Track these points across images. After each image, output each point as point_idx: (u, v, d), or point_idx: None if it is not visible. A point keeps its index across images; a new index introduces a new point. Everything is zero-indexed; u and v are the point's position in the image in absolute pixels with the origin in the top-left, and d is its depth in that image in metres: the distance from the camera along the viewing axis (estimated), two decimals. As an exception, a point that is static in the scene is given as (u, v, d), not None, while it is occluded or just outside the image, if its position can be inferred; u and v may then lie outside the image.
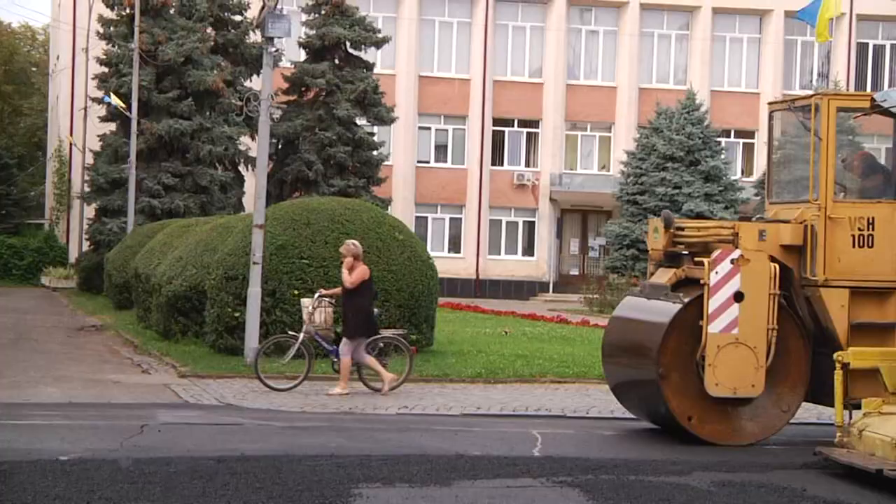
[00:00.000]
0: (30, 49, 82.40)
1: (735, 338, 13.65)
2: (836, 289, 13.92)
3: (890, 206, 14.10)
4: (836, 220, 13.93)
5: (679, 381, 13.80)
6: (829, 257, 13.91)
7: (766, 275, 13.72)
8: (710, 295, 13.63)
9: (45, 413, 15.03)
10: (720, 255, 13.76)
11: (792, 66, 55.90)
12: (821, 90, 14.47)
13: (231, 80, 44.12)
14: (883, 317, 13.99)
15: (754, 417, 13.97)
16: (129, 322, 29.15)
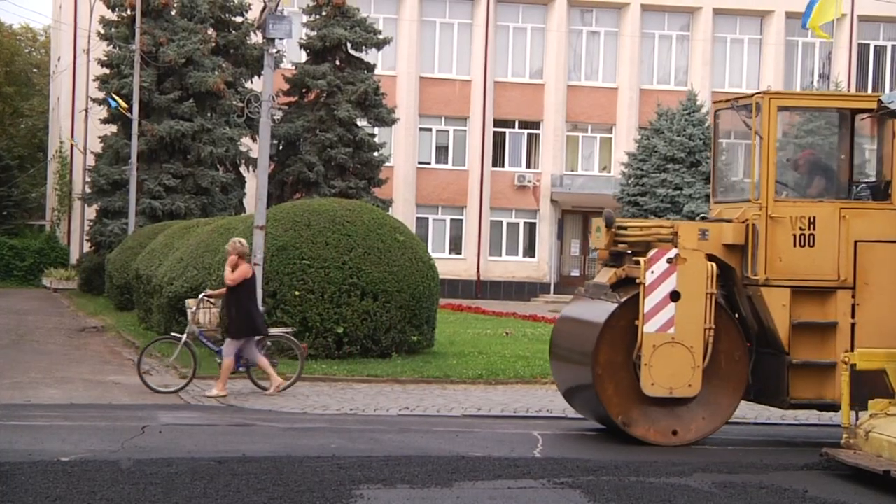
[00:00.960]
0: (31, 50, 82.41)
1: (671, 337, 13.60)
2: (778, 288, 13.87)
3: (832, 206, 14.05)
4: (778, 219, 13.89)
5: (616, 382, 13.75)
6: (771, 257, 13.86)
7: (702, 274, 13.67)
8: (645, 294, 13.59)
9: (46, 414, 15.04)
10: (656, 254, 13.71)
11: (793, 67, 55.91)
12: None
13: (232, 81, 44.12)
14: (824, 316, 13.93)
15: (692, 417, 13.86)
16: (131, 323, 29.15)
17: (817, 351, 13.95)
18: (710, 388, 13.84)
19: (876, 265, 13.90)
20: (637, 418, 13.80)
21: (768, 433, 15.59)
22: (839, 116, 15.43)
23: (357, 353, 21.11)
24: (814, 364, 13.91)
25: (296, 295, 20.73)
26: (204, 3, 44.50)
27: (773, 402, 14.42)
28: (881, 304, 13.88)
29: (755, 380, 14.39)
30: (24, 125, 74.53)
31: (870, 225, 13.97)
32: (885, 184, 14.38)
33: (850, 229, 13.92)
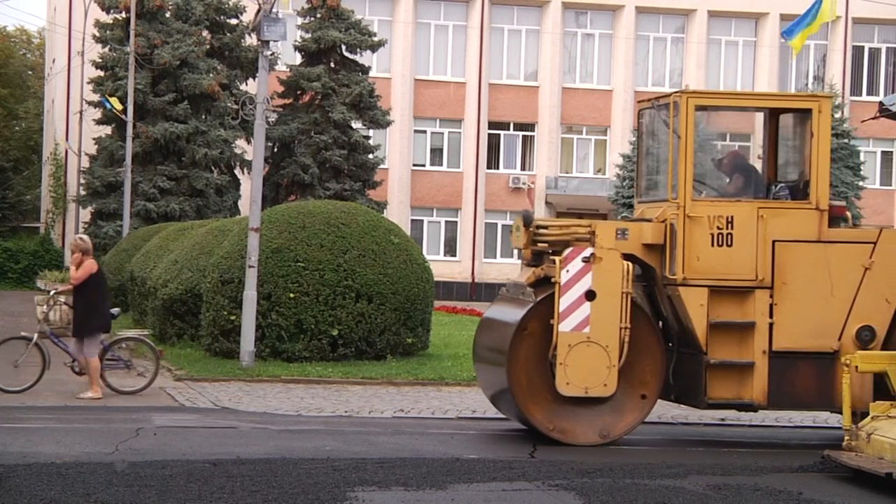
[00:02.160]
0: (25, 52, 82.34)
1: (587, 337, 13.54)
2: (695, 288, 13.81)
3: (749, 206, 14.01)
4: (695, 218, 13.83)
5: (532, 381, 13.70)
6: (688, 256, 13.81)
7: (618, 273, 13.62)
8: (561, 293, 13.54)
9: (40, 416, 15.02)
10: (571, 253, 13.66)
11: (787, 70, 55.94)
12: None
13: (227, 83, 44.14)
14: (743, 316, 13.89)
15: (608, 417, 13.80)
16: (125, 325, 29.08)
17: (735, 351, 13.88)
18: (626, 387, 13.77)
19: (794, 265, 13.88)
20: (552, 418, 13.70)
21: (763, 435, 15.61)
22: (762, 116, 15.42)
23: (352, 356, 21.11)
24: (731, 364, 13.85)
25: (290, 297, 20.73)
26: (198, 6, 44.51)
27: (692, 402, 14.33)
28: (799, 304, 13.86)
29: (676, 380, 14.34)
30: (19, 127, 74.47)
31: (788, 224, 13.94)
32: (804, 183, 14.31)
33: (767, 229, 13.87)
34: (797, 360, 13.90)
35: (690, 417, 16.22)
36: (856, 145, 48.83)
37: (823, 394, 13.94)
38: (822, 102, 14.20)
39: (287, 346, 20.79)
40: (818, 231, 13.99)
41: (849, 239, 14.12)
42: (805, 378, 13.92)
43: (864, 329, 13.91)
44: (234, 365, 20.08)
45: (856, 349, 13.76)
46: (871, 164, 53.69)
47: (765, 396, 13.89)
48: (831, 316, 13.92)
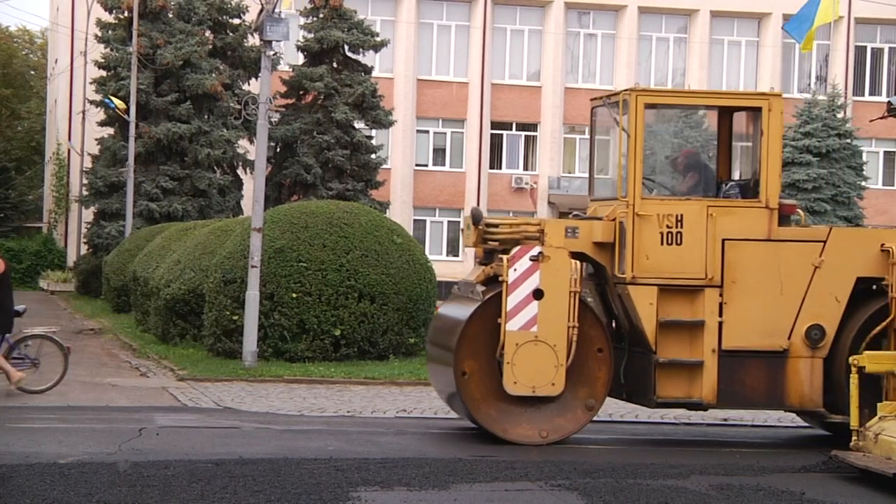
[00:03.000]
0: (28, 53, 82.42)
1: (534, 336, 13.46)
2: (645, 286, 13.75)
3: (699, 204, 13.94)
4: (644, 217, 13.76)
5: (480, 381, 13.62)
6: (638, 255, 13.75)
7: (566, 272, 13.55)
8: (508, 292, 13.46)
9: (43, 416, 15.04)
10: (518, 252, 13.58)
11: (790, 70, 55.96)
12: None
13: (229, 83, 44.12)
14: (692, 315, 13.83)
15: (556, 416, 13.73)
16: (128, 325, 29.14)
17: (685, 349, 13.82)
18: (574, 386, 13.69)
19: (743, 263, 13.83)
20: (500, 417, 13.64)
21: (765, 435, 15.60)
22: (713, 114, 15.40)
23: (354, 356, 21.12)
24: (680, 363, 13.80)
25: (293, 297, 20.74)
26: (201, 6, 44.50)
27: (642, 400, 14.28)
28: (749, 303, 13.81)
29: (627, 379, 14.33)
30: (22, 127, 74.53)
31: (738, 223, 13.88)
32: (754, 182, 14.27)
33: (717, 227, 13.81)
34: (747, 358, 13.84)
35: (693, 418, 16.22)
36: (858, 145, 48.85)
37: (773, 393, 13.91)
38: (772, 101, 14.14)
39: (290, 346, 20.81)
40: (768, 230, 13.93)
41: (799, 238, 14.08)
42: (755, 377, 13.87)
43: (813, 328, 13.88)
44: (236, 365, 20.09)
45: (805, 348, 13.80)
46: (873, 164, 53.70)
47: (714, 395, 13.80)
48: (781, 315, 13.87)
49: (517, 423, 13.67)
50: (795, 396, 13.94)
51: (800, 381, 13.90)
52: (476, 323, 13.68)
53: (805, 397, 13.92)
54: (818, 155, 47.31)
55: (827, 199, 47.08)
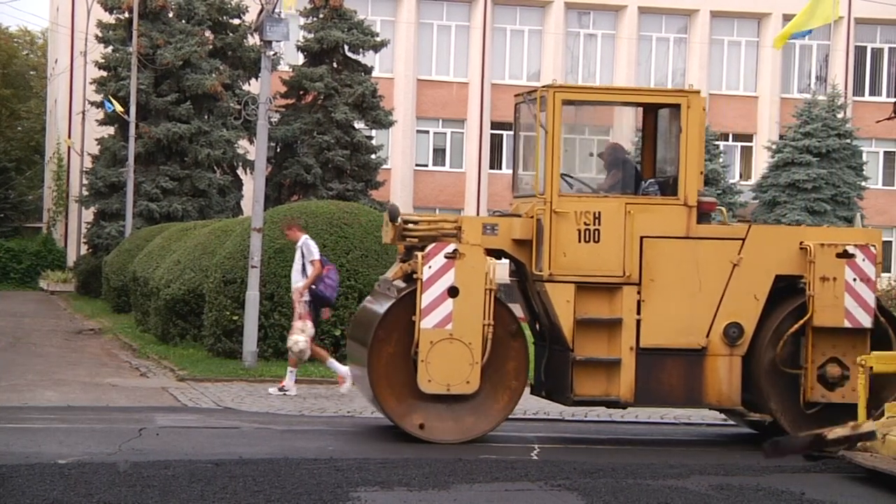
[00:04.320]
0: (28, 53, 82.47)
1: (449, 333, 13.37)
2: (562, 284, 13.67)
3: (617, 202, 13.88)
4: (562, 214, 13.70)
5: (393, 379, 13.54)
6: (555, 252, 13.66)
7: (481, 270, 13.46)
8: (423, 290, 13.38)
9: (43, 416, 15.03)
10: (433, 249, 13.51)
11: (790, 70, 55.98)
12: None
13: (229, 83, 44.13)
14: (610, 312, 13.75)
15: (472, 414, 13.63)
16: (128, 325, 29.15)
17: (603, 347, 13.75)
18: (489, 384, 13.60)
19: (662, 261, 13.76)
20: (416, 415, 13.55)
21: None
22: (632, 112, 15.36)
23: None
24: (598, 360, 13.73)
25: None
26: (201, 6, 44.51)
27: (560, 398, 14.22)
28: (667, 301, 13.75)
29: (547, 377, 14.30)
30: (22, 127, 74.56)
31: (656, 221, 13.81)
32: (673, 179, 14.20)
33: (635, 225, 13.74)
34: (665, 357, 13.79)
35: (693, 417, 16.22)
36: (858, 145, 48.85)
37: (691, 391, 13.86)
38: (690, 98, 14.02)
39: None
40: (686, 227, 13.85)
41: (717, 235, 14.00)
42: (673, 375, 13.81)
43: (731, 326, 13.82)
44: (236, 365, 20.09)
45: (723, 346, 13.76)
46: (873, 165, 53.71)
47: (632, 393, 13.74)
48: (699, 313, 13.81)
49: (433, 422, 13.56)
50: (714, 395, 13.87)
51: (718, 380, 13.83)
52: (391, 320, 13.57)
53: (723, 395, 13.85)
54: (818, 155, 47.31)
55: (827, 199, 47.08)
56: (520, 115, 14.94)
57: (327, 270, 17.97)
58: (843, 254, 13.85)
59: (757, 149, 54.42)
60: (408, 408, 13.61)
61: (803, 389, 13.80)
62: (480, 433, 13.67)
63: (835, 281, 13.77)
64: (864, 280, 13.82)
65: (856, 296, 13.78)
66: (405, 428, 13.59)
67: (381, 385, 13.57)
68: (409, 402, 13.60)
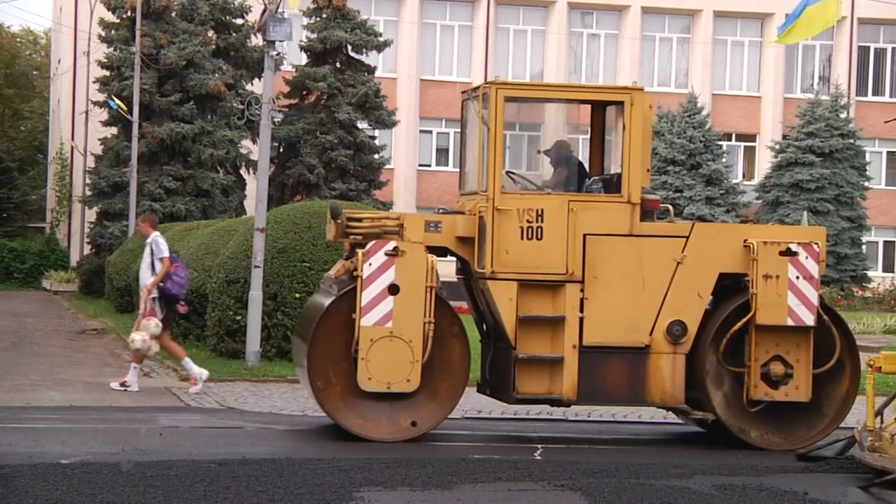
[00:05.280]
0: (31, 53, 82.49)
1: (389, 331, 13.29)
2: (504, 281, 13.58)
3: (560, 199, 13.78)
4: (504, 211, 13.59)
5: (334, 378, 13.48)
6: (497, 249, 13.57)
7: (422, 267, 13.39)
8: (363, 287, 13.29)
9: (46, 416, 15.04)
10: (374, 246, 13.42)
11: (793, 70, 55.97)
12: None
13: (232, 83, 44.15)
14: (553, 310, 13.66)
15: (413, 412, 13.55)
16: (131, 326, 29.06)
17: (546, 345, 13.66)
18: (430, 382, 13.53)
19: (605, 259, 13.68)
20: (356, 414, 13.48)
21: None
22: (577, 109, 15.30)
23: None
24: (540, 358, 13.65)
25: (296, 297, 20.72)
26: (204, 6, 44.54)
27: (503, 396, 14.15)
28: (610, 298, 13.67)
29: (491, 375, 14.26)
30: (25, 127, 74.63)
31: (600, 218, 13.72)
32: (617, 177, 14.13)
33: (578, 222, 13.65)
34: (608, 355, 13.71)
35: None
36: (861, 145, 48.88)
37: (635, 389, 13.78)
38: (634, 95, 13.93)
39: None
40: (630, 225, 13.77)
41: (661, 233, 13.92)
42: (616, 373, 13.73)
43: (675, 324, 13.73)
44: (239, 365, 20.09)
45: (667, 344, 13.69)
46: (876, 165, 53.71)
47: (574, 392, 13.66)
48: (643, 310, 13.73)
49: (374, 420, 13.50)
50: (657, 393, 13.80)
51: (661, 378, 13.75)
52: (330, 318, 13.52)
53: (667, 393, 13.78)
54: (821, 155, 47.34)
55: (830, 199, 47.11)
56: (466, 112, 14.82)
57: (175, 268, 18.01)
58: (787, 252, 13.74)
59: (760, 149, 54.41)
60: (348, 406, 13.51)
61: (747, 387, 13.68)
62: (421, 432, 13.58)
63: (778, 279, 13.67)
64: (808, 278, 13.71)
65: (799, 294, 13.67)
66: (345, 426, 13.47)
67: (320, 383, 13.51)
68: (348, 400, 13.51)
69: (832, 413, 14.01)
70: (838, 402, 14.01)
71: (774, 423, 13.89)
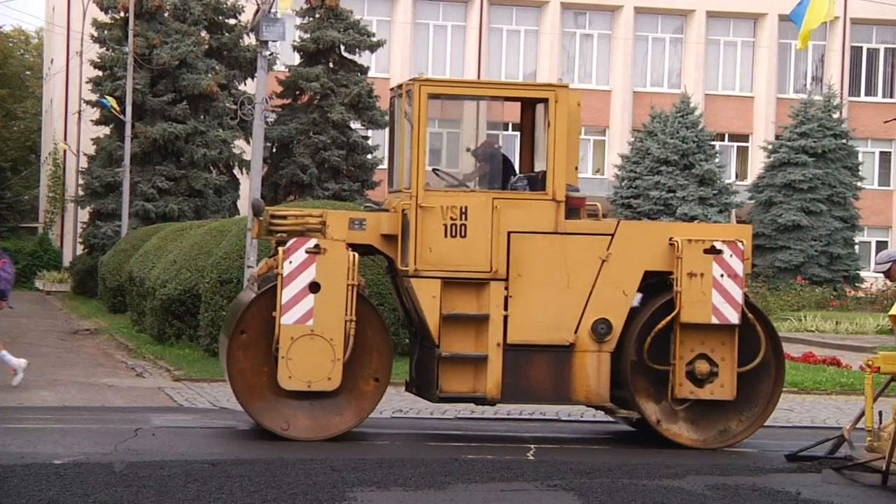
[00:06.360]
0: (23, 53, 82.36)
1: (310, 329, 13.24)
2: (428, 279, 13.51)
3: (484, 196, 13.72)
4: (428, 209, 13.52)
5: (254, 375, 13.43)
6: (421, 247, 13.50)
7: (343, 265, 13.34)
8: (283, 285, 13.23)
9: (38, 417, 15.02)
10: (294, 244, 13.36)
11: (786, 70, 56.03)
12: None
13: (225, 83, 44.14)
14: (478, 308, 13.60)
15: (335, 411, 13.51)
16: (124, 326, 29.14)
17: (470, 343, 13.60)
18: (352, 381, 13.48)
19: (529, 256, 13.63)
20: (277, 413, 13.43)
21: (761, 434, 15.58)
22: (501, 106, 15.27)
23: (350, 356, 21.06)
24: (464, 357, 13.59)
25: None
26: (197, 6, 44.52)
27: (427, 395, 14.12)
28: (534, 296, 13.62)
29: (417, 373, 14.26)
30: (17, 127, 74.51)
31: (524, 216, 13.68)
32: (542, 174, 14.10)
33: (502, 220, 13.60)
34: (532, 353, 13.66)
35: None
36: (854, 146, 48.92)
37: (559, 387, 13.75)
38: (558, 92, 13.86)
39: (285, 347, 20.76)
40: (555, 223, 13.74)
41: (586, 231, 13.88)
42: (541, 371, 13.69)
43: (600, 322, 13.70)
44: (232, 365, 20.04)
45: (592, 342, 13.66)
46: (869, 165, 53.78)
47: (499, 390, 13.61)
48: (567, 309, 13.69)
49: (293, 419, 13.44)
50: (582, 391, 13.76)
51: (586, 376, 13.71)
52: (251, 316, 13.48)
53: (592, 392, 13.74)
54: (814, 155, 47.37)
55: (823, 199, 47.13)
56: (394, 109, 14.78)
57: (2, 264, 17.97)
58: (711, 250, 13.72)
59: (753, 149, 54.46)
60: (268, 405, 13.46)
61: (672, 386, 13.68)
62: (342, 430, 13.52)
63: (702, 277, 13.65)
64: (732, 276, 13.68)
65: (723, 292, 13.65)
66: (265, 425, 13.43)
67: (240, 381, 13.47)
68: (269, 398, 13.45)
69: (758, 411, 14.04)
70: (764, 401, 14.03)
71: (699, 422, 13.89)
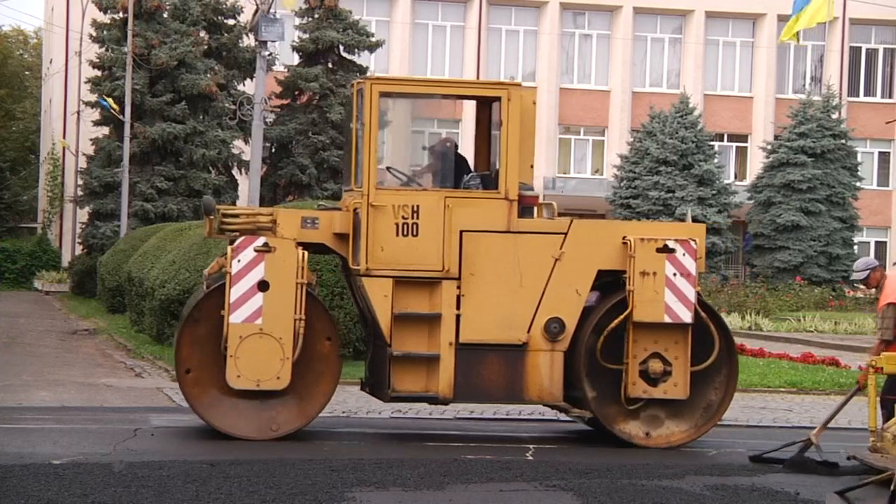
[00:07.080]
0: (22, 53, 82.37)
1: (259, 328, 13.22)
2: (379, 278, 13.48)
3: (436, 195, 13.67)
4: (379, 207, 13.47)
5: (203, 375, 13.41)
6: (372, 246, 13.46)
7: (292, 264, 13.32)
8: (232, 283, 13.22)
9: (37, 417, 15.01)
10: (242, 242, 13.34)
11: (785, 70, 56.04)
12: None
13: (224, 83, 44.13)
14: (430, 307, 13.57)
15: (284, 410, 13.50)
16: (122, 326, 29.12)
17: (422, 343, 13.56)
18: (301, 380, 13.46)
19: (482, 255, 13.58)
20: (226, 412, 13.41)
21: (759, 434, 15.60)
22: (453, 104, 15.23)
23: (349, 356, 21.06)
24: (416, 356, 13.55)
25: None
26: (196, 6, 44.52)
27: (379, 394, 14.11)
28: (487, 295, 13.58)
29: (371, 372, 14.25)
30: (16, 128, 74.51)
31: (476, 215, 13.62)
32: (495, 173, 14.06)
33: (454, 219, 13.55)
34: (485, 352, 13.61)
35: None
36: (853, 146, 48.95)
37: (512, 386, 13.71)
38: (510, 90, 13.80)
39: (284, 347, 20.75)
40: (507, 221, 13.67)
41: (539, 230, 13.82)
42: (493, 371, 13.64)
43: (553, 321, 13.65)
44: (231, 365, 20.04)
45: (545, 341, 13.62)
46: (868, 165, 53.80)
47: (451, 389, 13.57)
48: (520, 308, 13.64)
49: (242, 418, 13.43)
50: (535, 390, 13.72)
51: (539, 375, 13.67)
52: (200, 315, 13.48)
53: (545, 391, 13.70)
54: (813, 155, 47.40)
55: (822, 199, 47.17)
56: (351, 108, 14.63)
57: None
58: (664, 248, 13.70)
59: (752, 149, 54.48)
60: (216, 404, 13.45)
61: (625, 385, 13.65)
62: (292, 430, 13.50)
63: (655, 276, 13.61)
64: (685, 275, 13.64)
65: (676, 291, 13.62)
66: (214, 424, 13.41)
67: (188, 381, 13.47)
68: (217, 397, 13.45)
69: (711, 411, 14.03)
70: (717, 400, 14.03)
71: (652, 421, 13.88)
